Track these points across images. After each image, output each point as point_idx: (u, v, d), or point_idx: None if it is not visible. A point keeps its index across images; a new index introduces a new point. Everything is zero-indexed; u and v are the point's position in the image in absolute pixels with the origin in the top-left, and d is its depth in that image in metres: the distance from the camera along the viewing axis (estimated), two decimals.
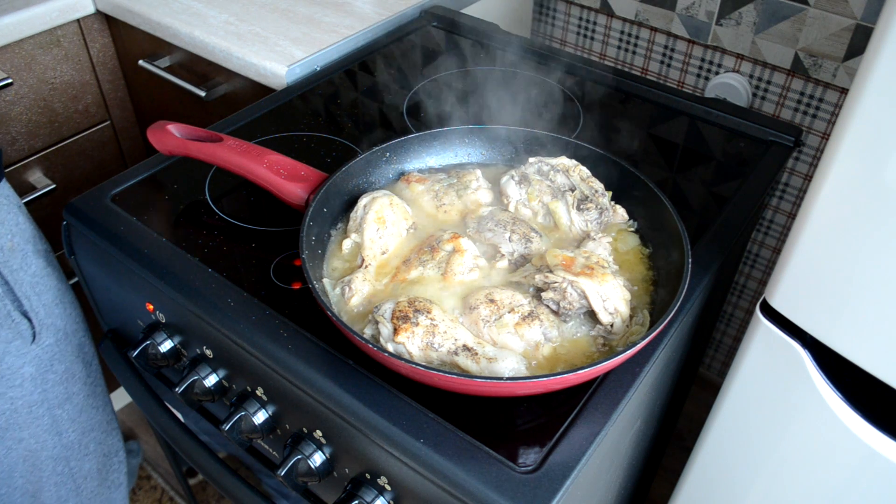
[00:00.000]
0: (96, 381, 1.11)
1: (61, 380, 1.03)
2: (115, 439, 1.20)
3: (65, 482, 1.11)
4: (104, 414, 1.15)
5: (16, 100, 1.30)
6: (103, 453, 1.17)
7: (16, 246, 0.93)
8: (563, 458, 0.61)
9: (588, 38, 1.52)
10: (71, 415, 1.07)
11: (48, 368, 1.00)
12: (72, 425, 1.08)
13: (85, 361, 1.07)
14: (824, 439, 0.68)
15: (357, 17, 1.26)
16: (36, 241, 0.97)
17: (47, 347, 0.99)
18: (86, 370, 1.07)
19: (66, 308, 1.01)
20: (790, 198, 1.39)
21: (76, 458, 1.11)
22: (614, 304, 0.68)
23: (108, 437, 1.18)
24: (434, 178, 0.84)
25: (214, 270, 0.78)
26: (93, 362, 1.09)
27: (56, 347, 1.00)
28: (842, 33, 1.17)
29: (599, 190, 0.80)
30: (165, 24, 1.23)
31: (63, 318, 1.01)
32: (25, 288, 0.94)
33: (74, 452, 1.11)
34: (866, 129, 0.52)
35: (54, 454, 1.07)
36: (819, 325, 0.63)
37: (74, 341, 1.04)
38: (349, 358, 0.68)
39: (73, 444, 1.10)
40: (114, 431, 1.19)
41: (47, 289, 0.97)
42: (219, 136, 0.84)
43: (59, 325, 1.00)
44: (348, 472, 0.72)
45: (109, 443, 1.18)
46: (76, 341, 1.04)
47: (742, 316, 1.62)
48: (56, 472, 1.09)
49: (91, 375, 1.09)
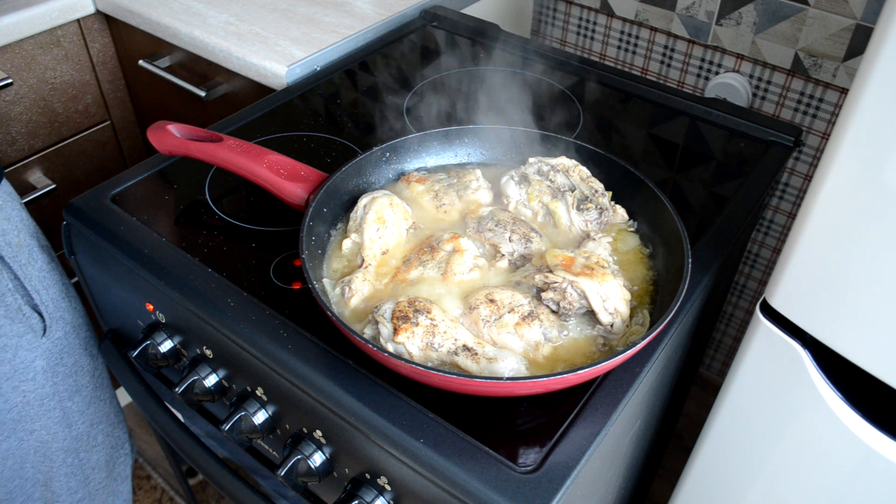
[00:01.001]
0: (102, 373, 1.12)
1: (70, 372, 1.04)
2: (121, 431, 1.21)
3: (74, 473, 1.13)
4: (111, 406, 1.16)
5: (16, 100, 1.30)
6: (111, 445, 1.19)
7: (22, 241, 0.93)
8: (563, 458, 0.61)
9: (588, 38, 1.52)
10: (80, 407, 1.08)
11: (58, 361, 1.02)
12: (81, 417, 1.09)
13: (91, 354, 1.08)
14: (824, 439, 0.68)
15: (357, 17, 1.26)
16: (39, 237, 0.98)
17: (57, 340, 1.00)
18: (93, 363, 1.09)
19: (71, 302, 1.02)
20: (790, 198, 1.39)
21: (85, 449, 1.13)
22: (614, 304, 0.68)
23: (115, 429, 1.19)
24: (434, 178, 0.84)
25: (214, 270, 0.78)
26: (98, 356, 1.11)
27: (65, 340, 1.02)
28: (842, 33, 1.17)
29: (599, 190, 0.80)
30: (165, 24, 1.23)
31: (70, 311, 1.02)
32: (34, 282, 0.95)
33: (83, 444, 1.12)
34: (866, 129, 0.52)
35: (64, 446, 1.09)
36: (819, 325, 0.63)
37: (81, 334, 1.05)
38: (349, 358, 0.68)
39: (82, 436, 1.11)
40: (120, 424, 1.20)
41: (54, 283, 0.98)
42: (219, 136, 0.84)
43: (67, 318, 1.01)
44: (348, 473, 0.72)
45: (116, 435, 1.20)
46: (83, 334, 1.05)
47: (742, 316, 1.62)
48: (66, 464, 1.11)
49: (98, 368, 1.11)
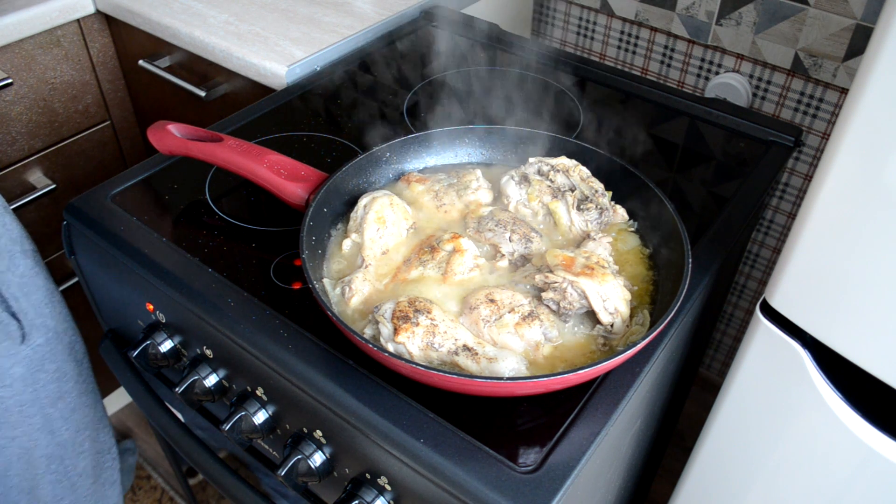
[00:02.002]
0: (87, 379, 1.11)
1: (53, 379, 1.03)
2: (107, 436, 1.20)
3: (60, 480, 1.12)
4: (96, 412, 1.15)
5: (16, 100, 1.30)
6: (97, 451, 1.17)
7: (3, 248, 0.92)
8: (563, 458, 0.61)
9: (588, 38, 1.52)
10: (63, 413, 1.07)
11: (39, 368, 1.00)
12: (65, 424, 1.08)
13: (76, 360, 1.07)
14: (824, 439, 0.68)
15: (357, 17, 1.26)
16: (23, 242, 0.96)
17: (37, 347, 0.99)
18: (77, 369, 1.07)
19: (55, 307, 1.00)
20: (790, 198, 1.39)
21: (70, 456, 1.12)
22: (614, 304, 0.68)
23: (101, 434, 1.18)
24: (434, 178, 0.84)
25: (214, 270, 0.78)
26: (84, 361, 1.09)
27: (47, 347, 1.00)
28: (842, 33, 1.17)
29: (599, 190, 0.80)
30: (165, 24, 1.23)
31: (53, 317, 1.00)
32: (13, 289, 0.93)
33: (68, 451, 1.11)
34: (866, 129, 0.52)
35: (48, 452, 1.08)
36: (819, 325, 0.64)
37: (65, 340, 1.03)
38: (349, 358, 0.68)
39: (66, 443, 1.10)
40: (105, 429, 1.19)
41: (36, 289, 0.97)
42: (219, 136, 0.84)
43: (49, 324, 0.99)
44: (348, 472, 0.72)
45: (102, 440, 1.18)
46: (67, 340, 1.04)
47: (742, 316, 1.62)
48: (50, 471, 1.10)
49: (83, 374, 1.09)
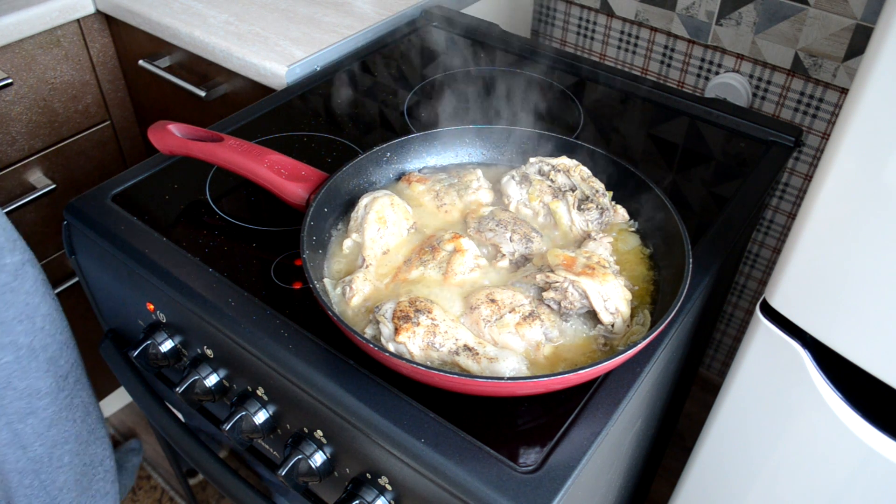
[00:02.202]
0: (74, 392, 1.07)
1: (21, 396, 0.99)
2: (99, 448, 1.16)
3: (37, 494, 1.09)
4: (84, 425, 1.11)
5: (16, 100, 1.30)
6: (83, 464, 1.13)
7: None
8: (563, 458, 0.61)
9: (588, 38, 1.52)
10: (37, 430, 1.03)
11: (5, 386, 0.97)
12: (38, 439, 1.04)
13: (58, 375, 1.02)
14: (824, 439, 0.68)
15: (357, 17, 1.26)
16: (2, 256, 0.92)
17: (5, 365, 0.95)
18: (55, 384, 1.03)
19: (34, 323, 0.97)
20: (790, 198, 1.39)
21: (47, 470, 1.08)
22: (615, 304, 0.68)
23: (90, 447, 1.14)
24: (435, 178, 0.84)
25: (215, 270, 0.78)
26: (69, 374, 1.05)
27: (15, 365, 0.96)
28: (842, 33, 1.17)
29: (600, 190, 0.80)
30: (165, 24, 1.23)
31: (28, 334, 0.96)
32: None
33: (44, 465, 1.07)
34: (866, 129, 0.52)
35: (19, 467, 1.05)
36: (819, 325, 0.64)
37: (43, 356, 0.99)
38: (350, 358, 0.68)
39: (41, 458, 1.06)
40: (97, 441, 1.15)
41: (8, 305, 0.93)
42: (219, 135, 0.84)
43: (21, 341, 0.96)
44: (349, 472, 0.72)
45: (91, 453, 1.14)
46: (46, 356, 1.00)
47: (742, 316, 1.62)
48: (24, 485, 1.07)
49: (65, 389, 1.05)
